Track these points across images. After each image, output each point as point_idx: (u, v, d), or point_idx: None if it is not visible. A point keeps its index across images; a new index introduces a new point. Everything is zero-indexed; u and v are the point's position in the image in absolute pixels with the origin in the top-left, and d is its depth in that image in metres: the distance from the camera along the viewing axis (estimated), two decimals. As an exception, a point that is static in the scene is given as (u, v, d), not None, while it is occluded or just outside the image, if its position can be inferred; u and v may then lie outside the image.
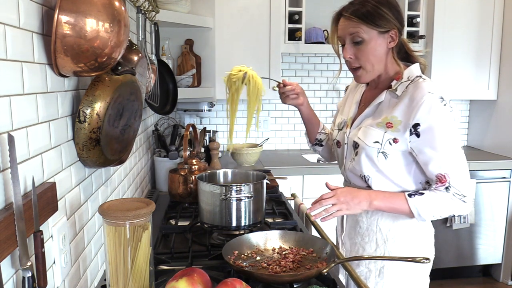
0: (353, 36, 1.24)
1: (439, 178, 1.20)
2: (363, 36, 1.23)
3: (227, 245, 1.17)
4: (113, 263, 0.87)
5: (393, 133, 1.23)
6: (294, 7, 2.83)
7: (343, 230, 1.44)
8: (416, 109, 1.18)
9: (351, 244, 1.41)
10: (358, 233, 1.38)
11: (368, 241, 1.35)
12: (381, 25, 1.22)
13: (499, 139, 3.14)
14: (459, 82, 3.08)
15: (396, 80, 1.28)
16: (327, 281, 1.06)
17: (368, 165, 1.28)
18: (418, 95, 1.20)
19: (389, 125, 1.24)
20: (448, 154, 1.19)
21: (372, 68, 1.27)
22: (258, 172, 1.50)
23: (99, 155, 0.96)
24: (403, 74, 1.28)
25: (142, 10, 1.55)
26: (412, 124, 1.19)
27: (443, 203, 1.21)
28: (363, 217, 1.35)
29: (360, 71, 1.29)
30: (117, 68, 0.98)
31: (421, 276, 1.35)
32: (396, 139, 1.23)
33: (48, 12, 0.83)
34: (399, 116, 1.22)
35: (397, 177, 1.28)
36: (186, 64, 2.65)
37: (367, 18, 1.21)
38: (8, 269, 0.68)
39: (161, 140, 2.22)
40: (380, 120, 1.26)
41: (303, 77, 3.24)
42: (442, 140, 1.19)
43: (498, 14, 3.04)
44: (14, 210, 0.66)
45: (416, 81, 1.24)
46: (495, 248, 3.02)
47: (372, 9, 1.22)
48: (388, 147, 1.24)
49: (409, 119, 1.20)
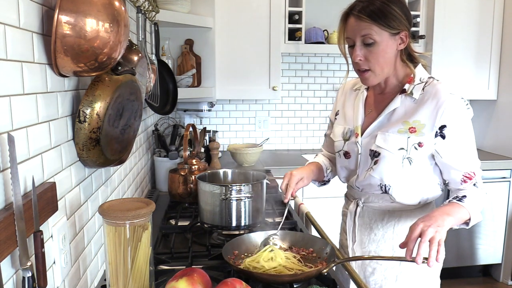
0: (364, 38, 1.18)
1: (467, 176, 1.22)
2: (375, 37, 1.17)
3: (227, 245, 1.17)
4: (113, 263, 0.87)
5: (418, 137, 1.21)
6: (294, 7, 2.83)
7: (354, 240, 1.39)
8: (441, 111, 1.18)
9: (363, 253, 1.37)
10: (373, 241, 1.34)
11: (384, 248, 1.32)
12: (393, 26, 1.17)
13: (499, 139, 3.14)
14: (459, 82, 3.08)
15: (408, 84, 1.25)
16: (327, 281, 1.06)
17: (390, 173, 1.24)
18: (441, 97, 1.18)
19: (412, 130, 1.21)
20: (473, 153, 1.23)
21: (381, 71, 1.23)
22: (258, 172, 1.50)
23: (99, 155, 0.96)
24: (415, 76, 1.25)
25: (142, 10, 1.55)
26: (438, 127, 1.19)
27: (480, 201, 1.21)
28: (378, 224, 1.33)
29: (369, 74, 1.23)
30: (117, 68, 0.98)
31: (433, 278, 1.35)
32: (421, 143, 1.21)
33: (48, 12, 0.83)
34: (422, 119, 1.20)
35: (418, 182, 1.27)
36: (186, 64, 2.65)
37: (380, 19, 1.16)
38: (8, 269, 0.68)
39: (161, 140, 2.22)
40: (402, 126, 1.23)
41: (303, 77, 3.24)
42: (468, 139, 1.22)
43: (498, 14, 3.04)
44: (14, 210, 0.66)
45: (431, 82, 1.23)
46: (495, 248, 3.02)
47: (383, 8, 1.16)
48: (414, 152, 1.21)
49: (435, 122, 1.19)
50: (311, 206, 1.94)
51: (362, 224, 1.37)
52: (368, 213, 1.35)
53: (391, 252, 1.31)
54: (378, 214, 1.33)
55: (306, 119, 3.28)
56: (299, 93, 3.24)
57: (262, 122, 3.22)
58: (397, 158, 1.23)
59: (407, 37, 1.22)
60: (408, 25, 1.21)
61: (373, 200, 1.33)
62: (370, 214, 1.35)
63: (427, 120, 1.20)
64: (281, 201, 1.83)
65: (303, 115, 3.28)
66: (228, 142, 3.18)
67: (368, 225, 1.35)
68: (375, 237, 1.34)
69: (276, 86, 2.81)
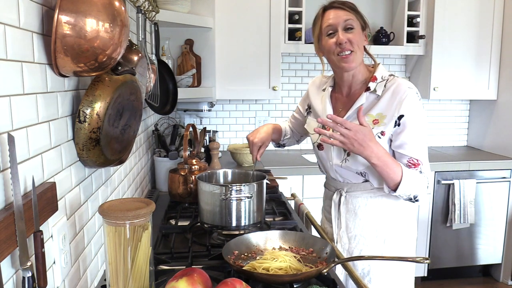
0: (346, 23, 1.32)
1: (412, 162, 1.31)
2: (354, 24, 1.33)
3: (227, 245, 1.17)
4: (113, 263, 0.87)
5: (380, 127, 1.32)
6: (294, 7, 2.83)
7: (340, 227, 1.48)
8: (400, 102, 1.29)
9: (349, 238, 1.45)
10: (358, 225, 1.43)
11: (369, 231, 1.41)
12: (364, 21, 1.37)
13: (499, 139, 3.14)
14: (459, 82, 3.09)
15: (372, 82, 1.36)
16: (327, 281, 1.06)
17: (364, 161, 1.32)
18: (400, 90, 1.30)
19: (375, 122, 1.33)
20: (421, 144, 1.32)
21: (361, 54, 1.36)
22: (258, 172, 1.50)
23: (99, 155, 0.96)
24: (376, 75, 1.37)
25: (142, 10, 1.55)
26: (397, 116, 1.30)
27: (418, 183, 1.30)
28: (362, 209, 1.41)
29: (352, 55, 1.33)
30: (117, 68, 0.98)
31: (406, 276, 1.43)
32: (383, 131, 1.32)
33: (48, 12, 0.83)
34: (384, 111, 1.32)
35: None
36: (186, 64, 2.65)
37: (356, 11, 1.35)
38: (8, 269, 0.68)
39: (161, 140, 2.22)
40: (366, 119, 1.32)
41: (303, 77, 3.24)
42: (418, 130, 1.31)
43: (498, 14, 3.04)
44: (14, 210, 0.66)
45: (392, 79, 1.35)
46: (495, 248, 3.02)
47: (355, 6, 1.37)
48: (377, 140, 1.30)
49: (395, 112, 1.30)
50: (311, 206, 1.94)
51: (347, 211, 1.45)
52: (352, 200, 1.44)
53: (375, 233, 1.41)
54: (361, 200, 1.42)
55: (306, 119, 3.28)
56: (299, 93, 3.24)
57: (262, 122, 3.22)
58: None
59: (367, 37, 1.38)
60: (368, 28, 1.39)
61: (355, 189, 1.43)
62: (353, 201, 1.44)
63: (388, 111, 1.31)
64: (281, 201, 1.84)
65: (303, 115, 3.28)
66: (228, 142, 3.18)
67: (353, 211, 1.44)
68: (360, 222, 1.43)
69: (276, 86, 2.82)
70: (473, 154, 3.16)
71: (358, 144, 1.22)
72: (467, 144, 3.53)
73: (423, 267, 2.93)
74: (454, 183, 2.84)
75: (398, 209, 1.41)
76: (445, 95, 3.09)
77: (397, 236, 1.42)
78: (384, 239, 1.41)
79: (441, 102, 3.45)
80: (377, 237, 1.41)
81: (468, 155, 3.16)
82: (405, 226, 1.43)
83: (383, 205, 1.40)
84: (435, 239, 2.93)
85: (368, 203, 1.41)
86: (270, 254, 1.11)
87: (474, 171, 2.88)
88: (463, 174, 2.88)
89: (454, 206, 2.85)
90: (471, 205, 2.86)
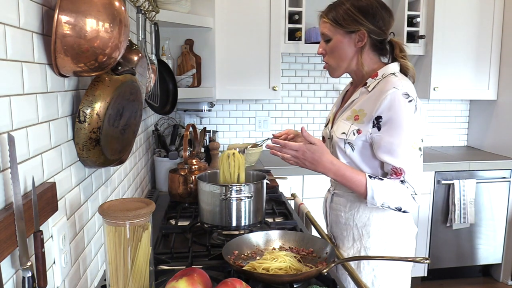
0: (323, 35, 1.37)
1: (394, 171, 1.25)
2: (329, 34, 1.35)
3: (227, 245, 1.17)
4: (113, 263, 0.87)
5: (358, 124, 1.29)
6: (294, 7, 2.83)
7: (328, 224, 1.50)
8: (379, 102, 1.23)
9: (335, 238, 1.46)
10: (339, 227, 1.43)
11: (346, 236, 1.40)
12: (346, 25, 1.31)
13: (499, 139, 3.14)
14: (459, 82, 3.08)
15: (371, 78, 1.34)
16: (327, 281, 1.06)
17: (341, 156, 1.33)
18: (384, 89, 1.25)
19: (356, 118, 1.30)
20: (405, 150, 1.23)
21: (336, 65, 1.37)
22: (258, 172, 1.50)
23: (99, 155, 0.96)
24: (379, 72, 1.34)
25: (142, 10, 1.55)
26: (375, 117, 1.25)
27: (397, 192, 1.24)
28: (342, 211, 1.40)
29: (327, 66, 1.41)
30: (117, 68, 0.98)
31: (401, 272, 1.38)
32: (360, 130, 1.28)
33: (48, 12, 0.83)
34: (366, 109, 1.28)
35: (366, 167, 1.32)
36: (186, 64, 2.65)
37: (334, 19, 1.33)
38: (8, 269, 0.68)
39: (161, 140, 2.22)
40: (350, 114, 1.33)
41: (303, 77, 3.24)
42: (401, 135, 1.22)
43: (498, 14, 3.04)
44: (14, 210, 0.66)
45: (387, 77, 1.29)
46: (495, 248, 3.02)
47: (342, 10, 1.32)
48: (352, 137, 1.29)
49: (373, 111, 1.25)
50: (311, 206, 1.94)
51: (332, 210, 1.46)
52: (337, 200, 1.43)
53: (351, 240, 1.38)
54: (343, 201, 1.40)
55: (306, 119, 3.29)
56: (299, 93, 3.25)
57: (262, 122, 3.22)
58: (341, 143, 1.32)
59: (365, 36, 1.32)
60: (371, 26, 1.31)
61: (340, 187, 1.42)
62: (337, 201, 1.43)
63: (368, 110, 1.27)
64: (281, 201, 1.83)
65: (303, 115, 3.28)
66: (228, 142, 3.18)
67: (336, 211, 1.43)
68: (339, 224, 1.42)
69: (276, 86, 2.82)
70: (473, 154, 3.16)
71: (309, 162, 1.26)
72: (467, 144, 3.53)
73: (423, 267, 2.93)
74: (454, 183, 2.84)
75: (379, 222, 1.34)
76: (445, 95, 3.09)
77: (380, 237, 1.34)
78: (359, 248, 1.36)
79: (441, 102, 3.45)
80: (353, 245, 1.37)
81: (468, 155, 3.16)
82: (388, 243, 1.34)
83: (361, 208, 1.35)
84: (435, 239, 2.93)
85: (347, 204, 1.38)
86: (270, 254, 1.11)
87: (474, 171, 2.88)
88: (463, 174, 2.88)
89: (454, 206, 2.85)
90: (471, 205, 2.86)
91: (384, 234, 1.34)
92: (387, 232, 1.34)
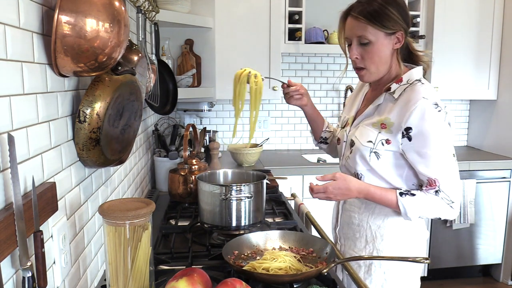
0: (360, 38, 1.25)
1: (429, 182, 1.23)
2: (370, 38, 1.23)
3: (227, 245, 1.17)
4: (113, 263, 0.87)
5: (387, 134, 1.25)
6: (294, 7, 2.83)
7: (338, 224, 1.48)
8: (409, 113, 1.20)
9: (345, 239, 1.45)
10: (351, 228, 1.41)
11: (359, 237, 1.38)
12: (388, 26, 1.22)
13: (499, 139, 3.14)
14: (459, 82, 3.08)
15: (396, 83, 1.29)
16: (327, 281, 1.06)
17: (361, 163, 1.31)
18: (412, 99, 1.21)
19: (383, 126, 1.27)
20: (439, 160, 1.21)
21: (376, 70, 1.29)
22: (258, 172, 1.50)
23: (99, 155, 0.96)
24: (403, 77, 1.29)
25: (142, 10, 1.55)
26: (404, 128, 1.21)
27: (431, 205, 1.24)
28: (355, 213, 1.39)
29: (364, 72, 1.30)
30: (117, 68, 0.98)
31: (411, 276, 1.37)
32: (389, 140, 1.25)
33: (48, 12, 0.83)
34: (393, 118, 1.24)
35: (389, 176, 1.30)
36: (186, 64, 2.65)
37: (374, 19, 1.21)
38: (8, 269, 0.68)
39: (161, 140, 2.22)
40: (376, 121, 1.29)
41: (303, 77, 3.24)
42: (434, 145, 1.20)
43: (498, 14, 3.04)
44: (14, 210, 0.66)
45: (414, 84, 1.26)
46: (495, 248, 3.02)
47: (379, 9, 1.21)
48: (380, 147, 1.27)
49: (402, 122, 1.22)
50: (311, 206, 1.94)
51: (344, 211, 1.44)
52: (351, 201, 1.41)
53: (364, 242, 1.37)
54: (357, 203, 1.38)
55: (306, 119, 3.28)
56: (299, 93, 3.24)
57: (262, 122, 3.22)
58: (366, 151, 1.29)
59: (403, 37, 1.26)
60: (405, 25, 1.25)
61: None
62: (351, 202, 1.41)
63: (396, 119, 1.23)
64: (281, 201, 1.83)
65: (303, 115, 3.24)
66: (228, 142, 3.18)
67: (349, 211, 1.42)
68: (352, 226, 1.40)
69: (276, 86, 2.82)
70: (473, 154, 3.16)
71: (340, 195, 1.28)
72: (467, 144, 3.53)
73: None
74: (454, 183, 2.83)
75: (394, 225, 1.33)
76: (445, 95, 3.09)
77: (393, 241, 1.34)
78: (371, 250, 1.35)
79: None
80: (365, 247, 1.36)
81: (468, 155, 3.16)
82: (401, 245, 1.34)
83: (376, 211, 1.34)
84: (435, 239, 2.93)
85: (361, 206, 1.36)
86: (270, 254, 1.11)
87: (474, 171, 2.88)
88: (463, 174, 2.88)
89: (454, 206, 2.85)
90: (471, 205, 2.86)
91: (397, 237, 1.33)
92: (401, 236, 1.33)
